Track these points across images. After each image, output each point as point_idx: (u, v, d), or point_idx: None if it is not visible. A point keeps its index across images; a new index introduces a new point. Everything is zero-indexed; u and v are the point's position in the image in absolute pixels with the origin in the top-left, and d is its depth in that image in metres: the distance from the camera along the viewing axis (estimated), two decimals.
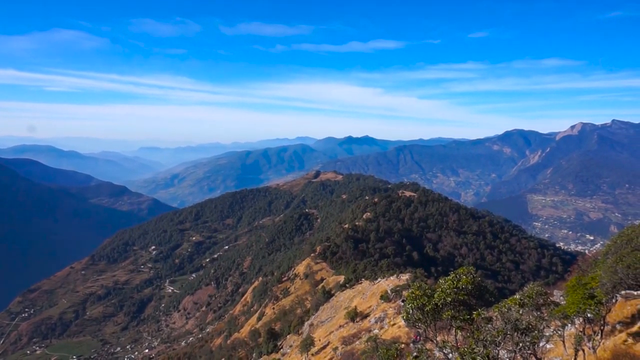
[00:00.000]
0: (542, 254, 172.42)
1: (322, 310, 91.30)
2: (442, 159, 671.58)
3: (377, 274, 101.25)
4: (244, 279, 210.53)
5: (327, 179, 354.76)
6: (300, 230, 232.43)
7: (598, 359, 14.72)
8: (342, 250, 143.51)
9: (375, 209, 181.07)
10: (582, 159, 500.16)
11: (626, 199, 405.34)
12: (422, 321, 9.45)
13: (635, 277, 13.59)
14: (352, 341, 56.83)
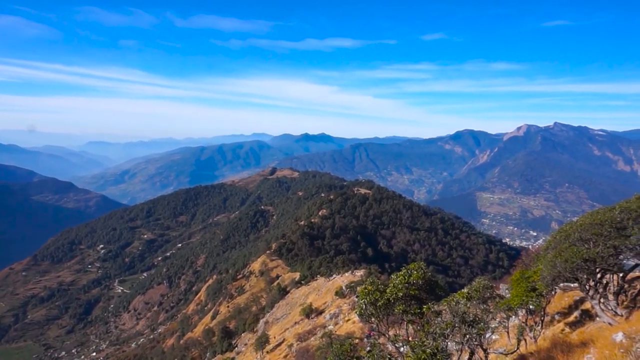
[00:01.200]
0: (489, 249, 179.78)
1: (277, 308, 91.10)
2: (397, 157, 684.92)
3: (332, 271, 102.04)
4: (197, 277, 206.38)
5: (283, 175, 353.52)
6: (256, 228, 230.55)
7: (538, 348, 15.57)
8: (297, 247, 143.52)
9: (331, 206, 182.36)
10: (527, 159, 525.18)
11: (566, 198, 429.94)
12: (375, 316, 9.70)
13: (572, 270, 14.49)
14: (307, 337, 57.09)
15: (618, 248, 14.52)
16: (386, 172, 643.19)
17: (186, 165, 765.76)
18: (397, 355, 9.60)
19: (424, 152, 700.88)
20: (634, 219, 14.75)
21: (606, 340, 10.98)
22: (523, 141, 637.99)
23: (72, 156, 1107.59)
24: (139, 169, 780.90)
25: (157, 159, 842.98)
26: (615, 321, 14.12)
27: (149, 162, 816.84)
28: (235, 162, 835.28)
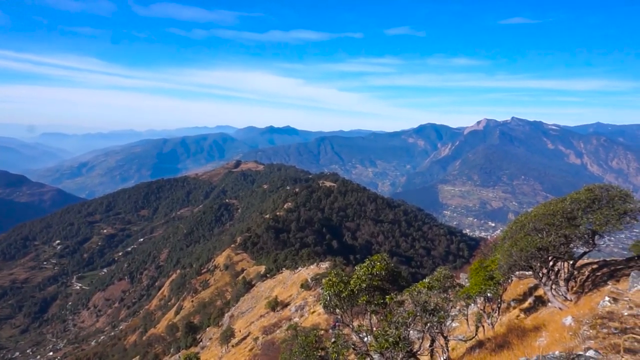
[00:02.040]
0: (450, 240, 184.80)
1: (242, 301, 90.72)
2: (361, 150, 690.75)
3: (297, 263, 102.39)
4: (160, 273, 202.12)
5: (248, 168, 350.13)
6: (221, 221, 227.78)
7: (495, 334, 16.21)
8: (263, 241, 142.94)
9: (296, 199, 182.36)
10: (486, 152, 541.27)
11: (522, 189, 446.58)
12: (339, 307, 9.86)
13: (527, 259, 15.14)
14: (273, 330, 57.18)
15: (568, 237, 15.28)
16: (351, 165, 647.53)
17: (148, 158, 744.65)
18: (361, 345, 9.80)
19: (388, 146, 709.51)
20: (583, 209, 15.54)
21: (557, 324, 11.57)
22: (482, 135, 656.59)
23: (25, 148, 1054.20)
24: (97, 162, 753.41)
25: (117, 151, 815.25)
26: (566, 306, 14.89)
27: (108, 155, 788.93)
28: (199, 154, 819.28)
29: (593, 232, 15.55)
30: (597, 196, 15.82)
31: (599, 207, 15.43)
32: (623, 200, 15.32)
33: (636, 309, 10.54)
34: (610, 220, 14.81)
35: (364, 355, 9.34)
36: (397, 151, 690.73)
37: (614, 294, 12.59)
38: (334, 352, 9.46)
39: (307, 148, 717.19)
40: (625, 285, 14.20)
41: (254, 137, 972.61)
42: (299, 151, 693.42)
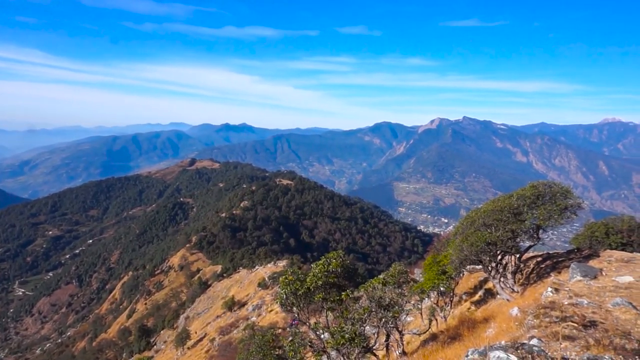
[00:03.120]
0: (406, 236, 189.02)
1: (198, 302, 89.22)
2: (318, 148, 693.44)
3: (255, 262, 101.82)
4: (111, 275, 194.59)
5: (203, 166, 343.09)
6: (175, 220, 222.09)
7: (448, 326, 16.73)
8: (219, 240, 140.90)
9: (253, 197, 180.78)
10: (439, 150, 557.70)
11: (473, 186, 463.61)
12: (296, 305, 9.87)
13: (477, 253, 15.72)
14: (230, 331, 56.54)
15: (515, 232, 16.01)
16: (308, 163, 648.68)
17: (97, 156, 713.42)
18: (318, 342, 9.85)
19: (344, 144, 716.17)
20: (528, 205, 16.33)
21: (504, 315, 12.08)
22: (436, 134, 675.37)
23: None
24: (41, 160, 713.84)
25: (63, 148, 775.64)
26: (513, 297, 15.59)
27: (53, 152, 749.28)
28: (151, 152, 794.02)
29: (537, 227, 16.38)
30: (541, 192, 16.68)
31: (543, 203, 16.28)
32: (564, 196, 16.23)
33: (575, 298, 11.18)
34: (552, 215, 15.66)
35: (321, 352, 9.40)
36: (354, 149, 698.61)
37: (556, 284, 13.30)
38: (290, 350, 9.46)
39: (264, 146, 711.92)
40: (566, 276, 15.03)
41: (210, 134, 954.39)
42: (255, 149, 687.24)
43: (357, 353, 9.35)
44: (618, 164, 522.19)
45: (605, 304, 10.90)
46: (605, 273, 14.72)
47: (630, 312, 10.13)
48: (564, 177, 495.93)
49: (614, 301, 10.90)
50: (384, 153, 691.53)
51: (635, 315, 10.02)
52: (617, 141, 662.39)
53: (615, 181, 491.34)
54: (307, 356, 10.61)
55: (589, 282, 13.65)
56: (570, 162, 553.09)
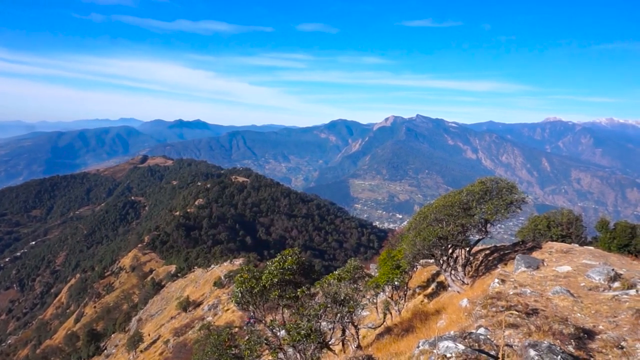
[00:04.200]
0: (362, 232, 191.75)
1: (151, 303, 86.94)
2: (274, 145, 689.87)
3: (210, 261, 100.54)
4: (57, 278, 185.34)
5: (155, 164, 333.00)
6: (126, 220, 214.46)
7: (402, 319, 17.16)
8: (173, 239, 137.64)
9: (208, 195, 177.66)
10: (394, 147, 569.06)
11: (426, 183, 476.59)
12: (252, 303, 9.83)
13: (429, 247, 16.20)
14: (185, 331, 55.46)
15: (465, 226, 16.66)
16: (264, 160, 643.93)
17: (40, 153, 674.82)
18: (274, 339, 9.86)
19: (300, 141, 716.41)
20: (477, 200, 17.03)
21: (455, 306, 12.56)
22: (390, 131, 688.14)
23: None
24: None
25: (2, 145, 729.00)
26: (463, 289, 16.21)
27: None
28: (99, 149, 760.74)
29: (486, 221, 17.11)
30: (489, 188, 17.44)
31: (490, 198, 17.03)
32: (510, 192, 17.05)
33: (520, 288, 11.79)
34: (499, 209, 16.42)
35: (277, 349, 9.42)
36: (310, 146, 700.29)
37: (502, 276, 13.96)
38: (246, 348, 9.42)
39: (219, 143, 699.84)
40: (512, 267, 15.81)
41: (162, 131, 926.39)
42: (210, 146, 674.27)
43: (314, 349, 9.43)
44: (559, 160, 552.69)
45: (546, 292, 11.57)
46: (547, 263, 15.59)
47: (568, 299, 10.81)
48: (510, 173, 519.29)
49: (554, 289, 11.58)
50: (340, 150, 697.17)
51: (572, 302, 10.70)
52: (558, 139, 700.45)
53: (556, 177, 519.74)
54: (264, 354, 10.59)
55: (532, 272, 14.41)
56: (516, 159, 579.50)
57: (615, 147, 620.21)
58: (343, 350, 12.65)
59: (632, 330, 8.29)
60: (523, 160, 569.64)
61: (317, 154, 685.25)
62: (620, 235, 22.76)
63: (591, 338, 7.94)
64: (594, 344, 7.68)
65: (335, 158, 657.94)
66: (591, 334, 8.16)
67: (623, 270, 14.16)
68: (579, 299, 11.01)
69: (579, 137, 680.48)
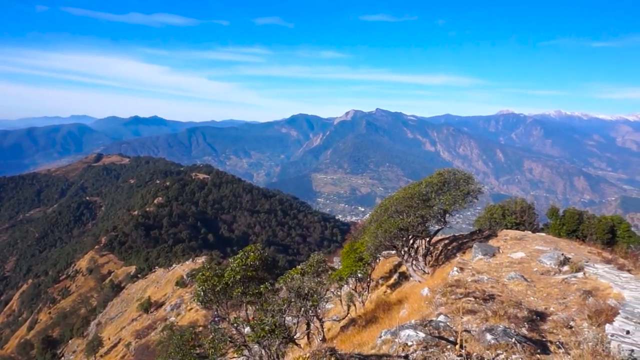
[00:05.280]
0: (325, 226, 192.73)
1: (111, 306, 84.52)
2: (235, 141, 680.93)
3: (172, 260, 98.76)
4: (7, 285, 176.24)
5: (111, 162, 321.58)
6: (81, 221, 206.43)
7: (366, 310, 17.44)
8: (132, 239, 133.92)
9: (167, 193, 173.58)
10: (355, 141, 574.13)
11: (387, 176, 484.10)
12: (214, 301, 9.72)
13: (391, 239, 16.48)
14: (147, 333, 54.24)
15: (425, 217, 17.08)
16: (225, 156, 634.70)
17: None
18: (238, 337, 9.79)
19: (261, 136, 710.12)
20: (436, 192, 17.49)
21: (416, 295, 12.88)
22: (351, 125, 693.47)
23: None
24: None
25: None
26: (424, 278, 16.63)
27: None
28: (50, 148, 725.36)
29: (444, 211, 17.61)
30: (447, 179, 17.95)
31: (448, 189, 17.53)
32: (466, 182, 17.62)
33: (477, 275, 12.24)
34: (457, 200, 16.94)
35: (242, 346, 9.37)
36: (271, 141, 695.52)
37: (461, 264, 14.44)
38: (210, 347, 9.31)
39: (178, 139, 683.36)
40: (470, 255, 16.37)
41: (117, 128, 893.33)
42: (168, 142, 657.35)
43: (279, 344, 9.44)
44: (512, 151, 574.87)
45: (502, 278, 12.06)
46: (502, 251, 16.24)
47: (522, 284, 11.31)
48: (467, 164, 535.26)
49: (509, 275, 12.09)
50: (301, 145, 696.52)
51: (526, 286, 11.21)
52: (511, 131, 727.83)
53: (510, 167, 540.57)
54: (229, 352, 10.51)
55: (489, 259, 14.98)
56: (472, 150, 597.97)
57: (564, 138, 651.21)
58: (309, 344, 12.73)
59: (580, 310, 8.79)
60: (479, 151, 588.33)
61: (279, 148, 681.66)
62: (569, 222, 23.99)
63: (543, 320, 8.36)
64: (546, 325, 8.08)
65: (297, 153, 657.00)
66: (543, 316, 8.59)
67: (572, 254, 14.96)
68: (532, 284, 11.55)
69: (531, 129, 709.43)
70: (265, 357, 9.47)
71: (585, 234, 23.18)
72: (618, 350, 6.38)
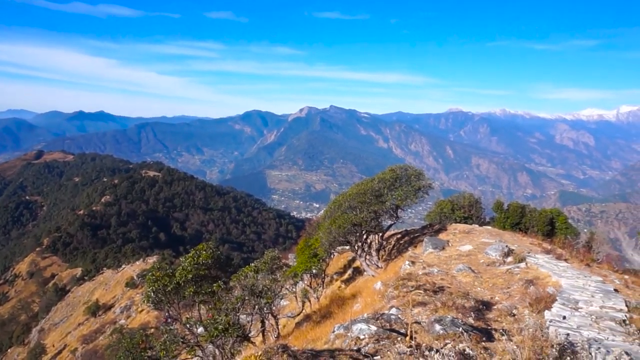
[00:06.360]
0: (280, 223, 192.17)
1: (55, 311, 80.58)
2: (187, 138, 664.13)
3: (121, 261, 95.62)
4: None
5: (53, 159, 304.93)
6: (20, 222, 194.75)
7: (320, 306, 17.56)
8: (77, 240, 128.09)
9: (115, 191, 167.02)
10: (309, 138, 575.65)
11: (341, 172, 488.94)
12: (165, 302, 9.48)
13: (344, 234, 16.67)
14: (95, 338, 52.17)
15: (377, 212, 17.40)
16: (176, 153, 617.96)
17: None
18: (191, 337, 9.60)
19: (214, 132, 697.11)
20: (388, 187, 17.85)
21: (369, 289, 13.12)
22: (305, 122, 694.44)
23: None
24: None
25: None
26: (377, 273, 16.95)
27: None
28: None
29: (396, 207, 18.01)
30: (399, 175, 18.36)
31: (400, 184, 17.94)
32: (418, 178, 18.10)
33: (428, 268, 12.62)
34: (408, 195, 17.37)
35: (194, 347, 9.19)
36: (225, 138, 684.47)
37: (413, 257, 14.84)
38: (162, 349, 9.07)
39: (126, 135, 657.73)
40: (421, 249, 16.85)
41: (60, 123, 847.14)
42: (116, 139, 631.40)
43: (233, 343, 9.34)
44: (460, 148, 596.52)
45: (451, 270, 12.51)
46: (452, 244, 16.84)
47: (470, 276, 11.78)
48: (419, 161, 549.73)
49: (458, 267, 12.56)
50: (255, 141, 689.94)
51: (473, 278, 11.69)
52: (460, 128, 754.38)
53: (459, 163, 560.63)
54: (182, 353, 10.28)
55: (439, 252, 15.48)
56: (424, 147, 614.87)
57: (508, 135, 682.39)
58: (264, 342, 12.67)
59: (522, 298, 9.27)
60: (430, 148, 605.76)
61: (232, 145, 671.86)
62: (513, 215, 25.20)
63: (489, 309, 8.75)
64: (491, 314, 8.47)
65: (251, 149, 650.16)
66: (489, 305, 8.99)
67: (515, 246, 15.73)
68: (479, 275, 12.05)
69: (478, 127, 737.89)
70: (219, 356, 9.34)
71: (528, 226, 24.43)
72: (555, 334, 6.81)
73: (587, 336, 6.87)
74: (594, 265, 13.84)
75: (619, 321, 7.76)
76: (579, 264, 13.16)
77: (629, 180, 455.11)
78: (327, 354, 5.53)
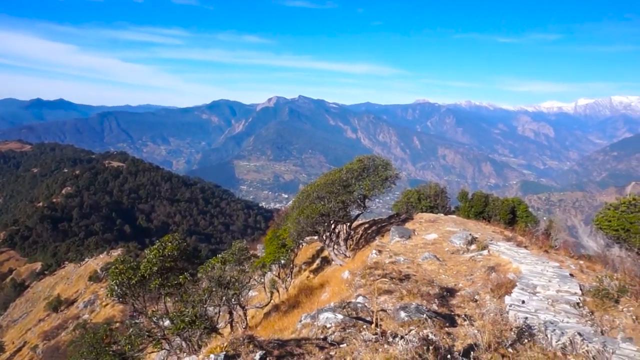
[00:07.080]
0: (248, 214, 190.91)
1: (13, 307, 77.84)
2: (152, 127, 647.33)
3: (84, 254, 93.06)
4: None
5: (9, 149, 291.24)
6: None
7: (289, 296, 17.63)
8: (36, 233, 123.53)
9: (77, 183, 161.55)
10: (277, 128, 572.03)
11: (310, 162, 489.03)
12: (130, 295, 9.30)
13: (313, 224, 16.73)
14: (57, 334, 50.70)
15: (345, 202, 17.53)
16: (141, 143, 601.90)
17: None
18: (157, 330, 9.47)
19: (181, 122, 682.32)
20: (356, 177, 18.00)
21: (337, 279, 13.24)
22: (273, 112, 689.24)
23: None
24: None
25: None
26: (345, 262, 17.12)
27: None
28: None
29: (364, 196, 18.19)
30: (366, 165, 18.54)
31: (368, 174, 18.12)
32: (385, 168, 18.32)
33: (394, 257, 12.83)
34: (376, 185, 17.57)
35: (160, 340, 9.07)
36: (191, 127, 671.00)
37: (379, 246, 15.06)
38: (127, 344, 8.90)
39: (88, 124, 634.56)
40: (387, 238, 17.11)
41: (16, 111, 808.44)
42: (77, 128, 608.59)
43: (200, 335, 9.27)
44: (427, 139, 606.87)
45: (417, 258, 12.77)
46: (418, 233, 17.17)
47: (435, 264, 12.07)
48: (387, 151, 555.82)
49: (423, 256, 12.83)
50: (223, 131, 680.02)
51: (438, 265, 11.98)
52: (427, 119, 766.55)
53: (425, 154, 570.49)
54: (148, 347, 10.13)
55: (405, 241, 15.77)
56: (391, 138, 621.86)
57: (473, 126, 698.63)
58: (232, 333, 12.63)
59: (484, 285, 9.58)
60: (397, 139, 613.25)
61: (199, 135, 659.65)
62: (477, 204, 25.90)
63: (452, 295, 9.00)
64: (455, 300, 8.72)
65: (219, 139, 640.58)
66: (453, 292, 9.25)
67: (478, 234, 16.20)
68: (443, 262, 12.36)
69: (444, 118, 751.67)
70: (185, 348, 9.25)
71: (491, 215, 25.19)
72: (514, 318, 7.11)
73: (544, 319, 7.21)
74: (552, 251, 14.42)
75: (574, 304, 8.16)
76: (538, 251, 13.68)
77: (585, 170, 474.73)
78: (294, 343, 5.57)
